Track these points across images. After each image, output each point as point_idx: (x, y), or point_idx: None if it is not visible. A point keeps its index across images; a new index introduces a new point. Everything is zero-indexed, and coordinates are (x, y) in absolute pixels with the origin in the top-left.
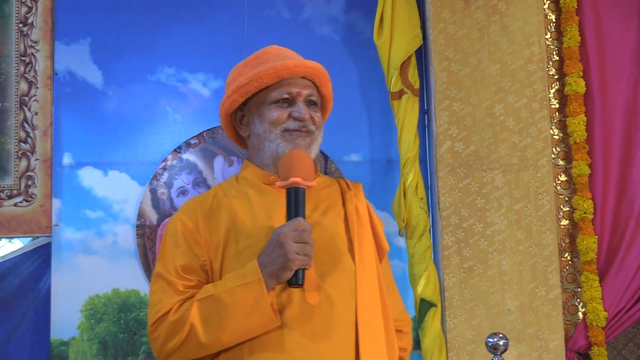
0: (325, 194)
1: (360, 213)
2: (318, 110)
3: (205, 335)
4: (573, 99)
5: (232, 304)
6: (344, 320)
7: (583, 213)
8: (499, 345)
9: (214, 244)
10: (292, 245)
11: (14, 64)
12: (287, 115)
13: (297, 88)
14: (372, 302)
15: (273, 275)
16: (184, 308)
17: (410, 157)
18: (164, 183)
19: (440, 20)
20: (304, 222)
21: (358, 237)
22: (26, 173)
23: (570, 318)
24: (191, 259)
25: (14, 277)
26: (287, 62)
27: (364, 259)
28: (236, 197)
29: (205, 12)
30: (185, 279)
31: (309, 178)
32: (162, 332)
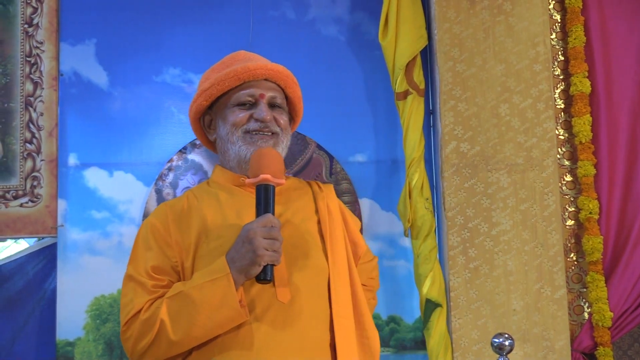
0: (296, 195)
1: (332, 212)
2: (284, 112)
3: (174, 332)
4: (578, 99)
5: (200, 299)
6: (316, 317)
7: (589, 213)
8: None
9: (185, 245)
10: (260, 241)
11: (20, 65)
12: (248, 117)
13: (259, 90)
14: (345, 299)
15: (242, 271)
16: (155, 306)
17: (415, 157)
18: (170, 183)
19: (446, 21)
20: (272, 218)
21: (330, 236)
22: (32, 174)
23: (576, 318)
24: (162, 260)
25: (19, 277)
26: (249, 65)
27: (336, 256)
28: (207, 200)
29: (211, 12)
30: (156, 279)
31: (279, 176)
32: (133, 331)
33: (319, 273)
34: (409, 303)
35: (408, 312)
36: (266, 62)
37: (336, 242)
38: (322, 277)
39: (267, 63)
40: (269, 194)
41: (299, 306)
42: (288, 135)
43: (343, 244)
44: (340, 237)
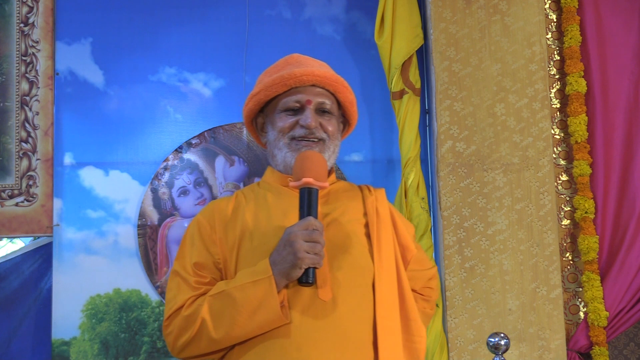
0: (345, 197)
1: (381, 215)
2: (333, 118)
3: (215, 331)
4: (574, 98)
5: (241, 300)
6: (359, 317)
7: (584, 213)
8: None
9: (229, 242)
10: (302, 244)
11: (15, 64)
12: (294, 123)
13: (306, 96)
14: (390, 301)
15: (283, 274)
16: (197, 304)
17: (411, 156)
18: (165, 183)
19: (441, 20)
20: (314, 221)
21: (377, 238)
22: (27, 173)
23: (572, 318)
24: (205, 257)
25: (15, 276)
26: (295, 71)
27: (383, 258)
28: (254, 200)
29: (207, 12)
30: (199, 276)
31: (322, 179)
32: (175, 327)
33: (363, 273)
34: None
35: None
36: (313, 69)
37: (384, 244)
38: (366, 277)
39: (315, 69)
40: (312, 197)
41: (341, 305)
42: (336, 141)
43: (391, 247)
44: (389, 239)
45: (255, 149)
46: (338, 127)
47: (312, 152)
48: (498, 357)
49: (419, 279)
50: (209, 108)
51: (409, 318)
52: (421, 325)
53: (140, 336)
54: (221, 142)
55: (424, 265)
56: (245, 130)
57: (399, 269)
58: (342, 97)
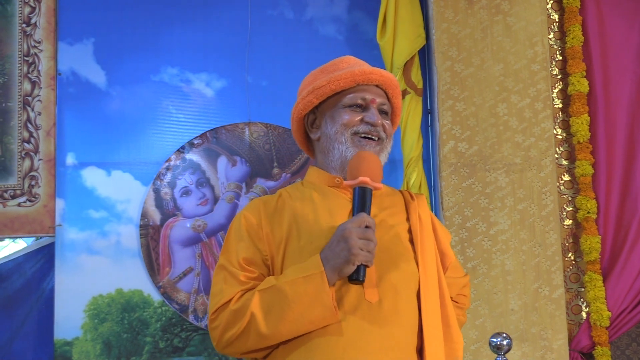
0: (389, 201)
1: (424, 221)
2: (388, 119)
3: (265, 325)
4: (576, 98)
5: (293, 295)
6: (404, 320)
7: (586, 213)
8: (502, 345)
9: (276, 239)
10: (356, 241)
11: (18, 64)
12: (359, 119)
13: (371, 95)
14: (434, 306)
15: (335, 269)
16: (245, 298)
17: (413, 156)
18: (168, 183)
19: (444, 20)
20: (368, 218)
21: (421, 243)
22: (30, 173)
23: (574, 318)
24: (253, 252)
25: (17, 277)
26: (364, 68)
27: (427, 264)
28: (300, 198)
29: (209, 12)
30: (247, 271)
31: (377, 180)
32: (222, 320)
33: (409, 278)
34: None
35: None
36: (380, 69)
37: (427, 250)
38: (412, 282)
39: (381, 70)
40: (366, 197)
41: (388, 308)
42: (391, 143)
43: (433, 253)
44: (431, 246)
45: (257, 149)
46: None
47: (369, 153)
48: (500, 357)
49: (454, 285)
50: (211, 108)
51: (449, 325)
52: (459, 331)
53: (143, 336)
54: (223, 142)
55: (459, 273)
56: (247, 131)
57: (440, 275)
58: (397, 101)
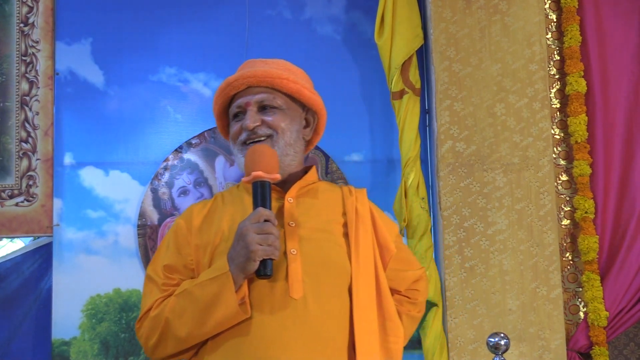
0: (323, 197)
1: (361, 216)
2: (279, 111)
3: (180, 329)
4: (574, 98)
5: (200, 296)
6: (333, 317)
7: (584, 213)
8: (500, 345)
9: (203, 243)
10: (253, 237)
11: (15, 64)
12: (240, 128)
13: (244, 99)
14: (368, 302)
15: (240, 268)
16: (163, 304)
17: (411, 156)
18: (165, 183)
19: (442, 20)
20: (264, 211)
21: (355, 238)
22: (27, 173)
23: (572, 318)
24: (175, 259)
25: (15, 276)
26: (228, 79)
27: (361, 259)
28: (231, 202)
29: (207, 11)
30: (168, 278)
31: (272, 171)
32: (145, 329)
33: (340, 274)
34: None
35: None
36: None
37: (362, 244)
38: (343, 278)
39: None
40: (265, 190)
41: (313, 304)
42: (289, 133)
43: (370, 247)
44: (368, 240)
45: None
46: (291, 119)
47: (260, 146)
48: (498, 357)
49: (402, 279)
50: (209, 108)
51: (385, 318)
52: (399, 325)
53: None
54: (221, 142)
55: (409, 266)
56: None
57: (377, 268)
58: (287, 89)
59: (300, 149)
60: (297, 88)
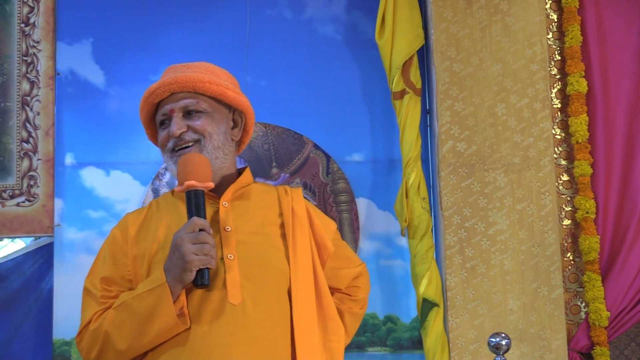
0: (259, 199)
1: (297, 215)
2: (204, 115)
3: (119, 342)
4: (575, 98)
5: (138, 309)
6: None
7: (585, 213)
8: (501, 345)
9: (139, 253)
10: (188, 247)
11: (16, 64)
12: (167, 136)
13: (169, 106)
14: (307, 303)
15: (177, 279)
16: (102, 317)
17: (412, 157)
18: (166, 183)
19: (442, 20)
20: (199, 220)
21: (293, 239)
22: (28, 173)
23: (573, 318)
24: (112, 271)
25: (16, 277)
26: (151, 87)
27: (299, 259)
28: (166, 209)
29: (207, 11)
30: (105, 290)
31: (205, 179)
32: (85, 343)
33: (278, 276)
34: (405, 303)
35: (405, 312)
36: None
37: (299, 244)
38: (281, 280)
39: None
40: (199, 199)
41: (252, 308)
42: (215, 136)
43: (307, 247)
44: (305, 240)
45: (256, 149)
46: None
47: (191, 155)
48: (499, 357)
49: (342, 277)
50: None
51: (326, 317)
52: (339, 324)
53: None
54: None
55: (348, 264)
56: None
57: (316, 267)
58: (209, 92)
59: (230, 151)
60: (220, 90)
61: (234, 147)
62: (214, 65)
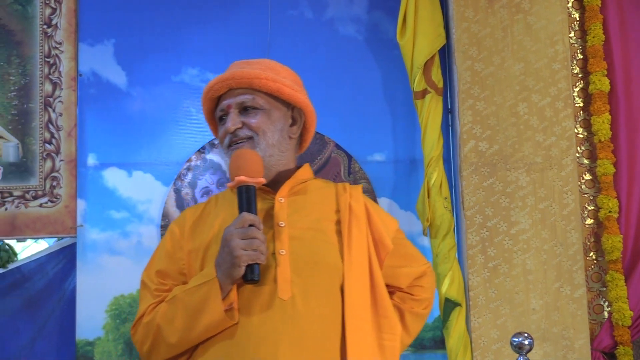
0: (316, 196)
1: (355, 212)
2: (260, 112)
3: (171, 335)
4: (597, 97)
5: (188, 303)
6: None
7: (608, 212)
8: (524, 345)
9: (195, 247)
10: (237, 242)
11: (39, 66)
12: (225, 133)
13: (226, 102)
14: (361, 300)
15: (226, 274)
16: (155, 311)
17: (434, 156)
18: (188, 183)
19: (464, 20)
20: (249, 216)
21: (348, 235)
22: (51, 174)
23: (596, 317)
24: (168, 264)
25: (39, 277)
26: (210, 83)
27: (354, 256)
28: (223, 203)
29: (229, 12)
30: (159, 284)
31: (255, 175)
32: (139, 335)
33: (330, 272)
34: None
35: None
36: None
37: (355, 241)
38: (334, 276)
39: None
40: (250, 195)
41: (304, 304)
42: (270, 134)
43: (364, 244)
44: (361, 237)
45: None
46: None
47: (242, 150)
48: (522, 357)
49: (402, 276)
50: None
51: (380, 315)
52: (394, 322)
53: None
54: None
55: (409, 263)
56: None
57: (372, 265)
58: (265, 89)
59: (287, 148)
60: (276, 87)
61: (292, 145)
62: (275, 62)
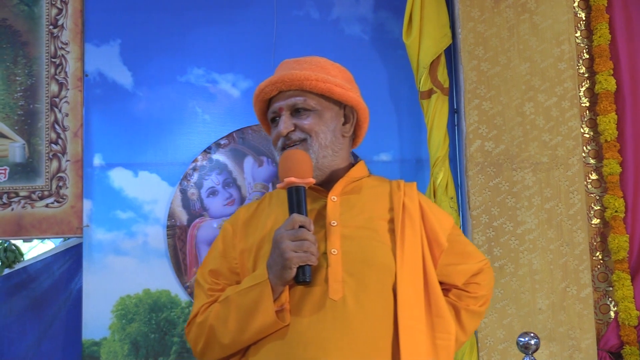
0: (370, 194)
1: (409, 210)
2: (312, 114)
3: (223, 336)
4: (603, 97)
5: (240, 305)
6: (376, 316)
7: (614, 212)
8: (530, 345)
9: (247, 246)
10: (288, 244)
11: (45, 66)
12: (277, 135)
13: (278, 104)
14: (414, 300)
15: (277, 276)
16: (208, 310)
17: (440, 156)
18: (194, 183)
19: (470, 19)
20: (299, 217)
21: (401, 234)
22: (57, 174)
23: (602, 317)
24: (221, 263)
25: (45, 277)
26: (260, 85)
27: (407, 255)
28: (277, 204)
29: (235, 12)
30: (212, 283)
31: (305, 175)
32: (193, 334)
33: (382, 272)
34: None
35: None
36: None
37: (408, 240)
38: (386, 276)
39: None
40: (300, 196)
41: (352, 304)
42: (323, 135)
43: (417, 243)
44: (415, 235)
45: None
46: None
47: (292, 151)
48: (528, 357)
49: (458, 273)
50: (237, 109)
51: (433, 314)
52: (449, 322)
53: (170, 336)
54: (250, 142)
55: (465, 260)
56: None
57: (426, 264)
58: (316, 90)
59: (340, 147)
60: (327, 87)
61: (345, 143)
62: (325, 59)
